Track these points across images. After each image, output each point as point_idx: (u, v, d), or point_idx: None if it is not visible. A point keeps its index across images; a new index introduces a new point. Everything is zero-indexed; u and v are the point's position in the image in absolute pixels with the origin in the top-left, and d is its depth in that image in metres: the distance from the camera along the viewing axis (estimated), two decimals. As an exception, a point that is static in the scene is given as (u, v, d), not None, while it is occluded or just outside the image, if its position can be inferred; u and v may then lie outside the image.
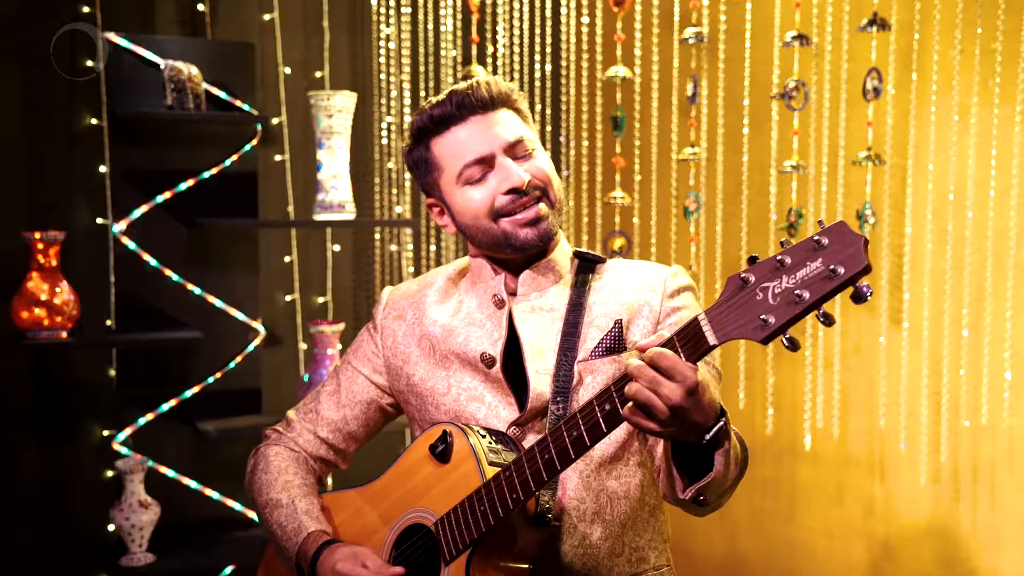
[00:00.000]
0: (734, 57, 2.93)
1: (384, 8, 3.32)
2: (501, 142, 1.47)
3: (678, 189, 3.08)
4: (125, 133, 2.88)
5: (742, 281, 1.11)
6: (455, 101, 1.47)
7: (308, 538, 1.50)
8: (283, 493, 1.56)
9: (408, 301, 1.60)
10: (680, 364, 1.15)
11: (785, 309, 1.07)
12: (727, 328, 1.12)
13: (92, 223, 2.92)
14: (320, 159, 2.91)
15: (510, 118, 1.50)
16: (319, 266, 3.40)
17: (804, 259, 1.06)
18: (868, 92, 2.62)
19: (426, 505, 1.44)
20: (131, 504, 2.61)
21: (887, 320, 2.79)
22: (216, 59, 2.94)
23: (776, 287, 1.08)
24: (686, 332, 1.16)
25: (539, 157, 1.50)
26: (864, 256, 1.03)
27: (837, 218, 2.86)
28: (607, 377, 1.43)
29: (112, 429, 2.88)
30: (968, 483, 2.75)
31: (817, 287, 1.05)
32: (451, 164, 1.48)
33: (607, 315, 1.47)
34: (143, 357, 2.92)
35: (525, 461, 1.30)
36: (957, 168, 2.64)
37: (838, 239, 1.05)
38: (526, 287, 1.51)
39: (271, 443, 1.66)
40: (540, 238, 1.46)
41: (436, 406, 1.51)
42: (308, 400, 1.67)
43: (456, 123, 1.48)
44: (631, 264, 1.57)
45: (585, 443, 1.25)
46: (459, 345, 1.49)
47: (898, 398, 2.79)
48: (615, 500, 1.45)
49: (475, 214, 1.47)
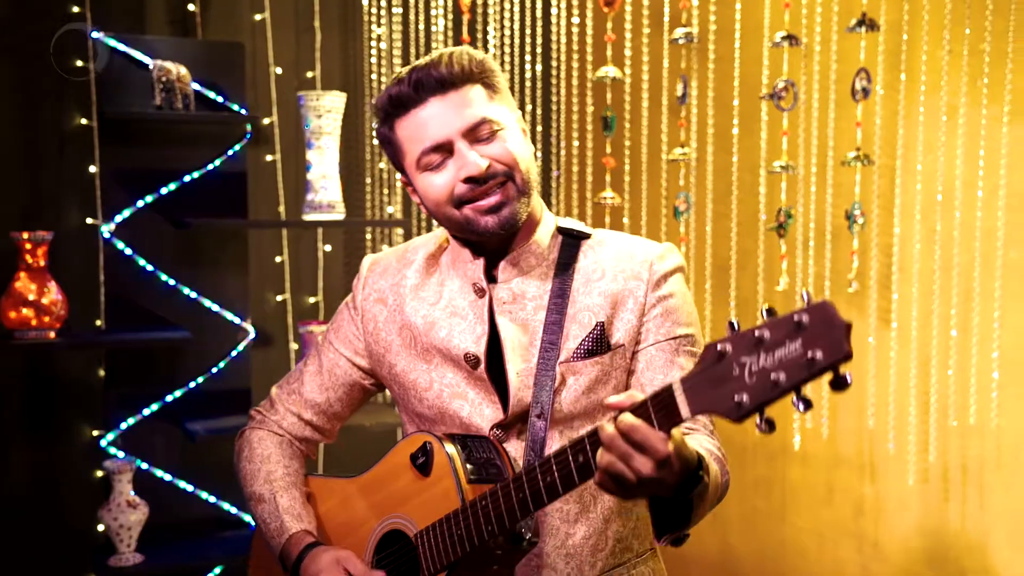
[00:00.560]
0: (724, 57, 2.93)
1: (375, 8, 3.32)
2: (459, 126, 1.38)
3: (668, 189, 3.08)
4: (115, 133, 2.88)
5: (719, 353, 1.07)
6: (412, 81, 1.39)
7: (291, 540, 1.49)
8: (265, 487, 1.55)
9: (388, 282, 1.55)
10: (652, 437, 1.12)
11: (760, 391, 1.03)
12: (701, 401, 1.08)
13: (82, 223, 2.92)
14: (310, 159, 2.92)
15: (476, 95, 1.40)
16: (310, 266, 3.40)
17: (783, 337, 1.01)
18: (857, 92, 2.62)
19: (407, 513, 1.43)
20: (119, 504, 2.61)
21: (876, 320, 2.79)
22: (206, 59, 2.95)
23: (753, 364, 1.04)
24: (660, 399, 1.12)
25: (506, 138, 1.41)
26: (846, 344, 0.98)
27: (826, 220, 2.87)
28: (589, 379, 1.42)
29: (101, 429, 2.89)
30: (957, 483, 2.76)
31: (794, 372, 1.01)
32: (411, 149, 1.42)
33: (589, 308, 1.43)
34: (132, 357, 2.92)
35: (501, 496, 1.28)
36: (945, 168, 2.64)
37: (820, 321, 0.99)
38: (507, 274, 1.46)
39: (255, 426, 1.64)
40: (502, 226, 1.40)
41: (419, 399, 1.49)
42: (291, 379, 1.65)
43: (415, 105, 1.40)
44: (618, 240, 1.50)
45: (558, 491, 1.23)
46: (442, 340, 1.46)
47: (887, 398, 2.79)
48: (598, 497, 1.44)
49: (436, 201, 1.42)
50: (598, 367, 1.42)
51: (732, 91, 2.92)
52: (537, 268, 1.46)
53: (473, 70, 1.41)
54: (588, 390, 1.42)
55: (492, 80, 1.43)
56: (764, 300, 3.02)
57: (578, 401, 1.42)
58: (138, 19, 3.03)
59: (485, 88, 1.42)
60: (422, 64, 1.40)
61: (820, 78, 2.78)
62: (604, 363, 1.42)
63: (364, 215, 3.42)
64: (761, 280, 2.97)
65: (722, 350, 1.07)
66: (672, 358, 1.44)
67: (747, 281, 3.09)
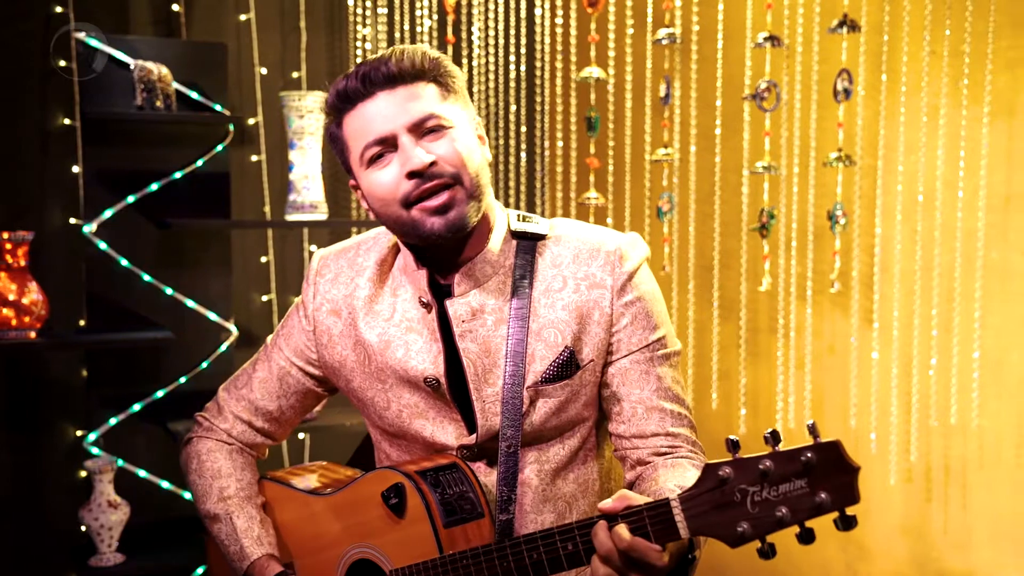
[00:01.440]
0: (707, 58, 2.94)
1: (361, 8, 3.32)
2: (405, 120, 1.32)
3: (652, 190, 3.08)
4: (97, 133, 2.88)
5: (720, 479, 1.05)
6: (361, 74, 1.33)
7: (254, 567, 1.45)
8: (219, 506, 1.50)
9: (341, 292, 1.47)
10: (651, 553, 1.12)
11: (763, 524, 1.03)
12: (700, 524, 1.08)
13: (65, 223, 2.92)
14: (292, 159, 2.92)
15: (427, 92, 1.34)
16: (296, 266, 3.40)
17: (788, 473, 1.01)
18: (839, 93, 2.62)
19: (381, 548, 1.39)
20: (100, 504, 2.61)
21: (858, 320, 2.79)
22: (188, 59, 2.94)
23: (756, 495, 1.03)
24: (658, 515, 1.11)
25: (456, 137, 1.34)
26: (855, 491, 0.98)
27: (808, 220, 2.87)
28: (559, 401, 1.39)
29: (85, 429, 2.88)
30: (940, 483, 2.76)
31: (799, 511, 1.00)
32: (355, 144, 1.36)
33: (554, 325, 1.37)
34: (115, 357, 2.92)
35: (484, 560, 1.26)
36: (926, 169, 2.65)
37: (829, 463, 0.99)
38: (463, 286, 1.39)
39: (202, 435, 1.59)
40: (448, 228, 1.32)
41: (379, 416, 1.46)
42: (239, 382, 1.59)
43: (363, 99, 1.34)
44: (575, 238, 1.43)
45: (545, 570, 1.22)
46: (399, 362, 1.41)
47: (869, 399, 2.79)
48: (574, 503, 1.44)
49: (382, 199, 1.34)
50: (567, 389, 1.39)
51: (715, 92, 2.92)
52: (494, 277, 1.40)
53: (426, 67, 1.35)
54: (558, 411, 1.40)
55: (447, 80, 1.37)
56: (747, 300, 3.02)
57: (547, 421, 1.40)
58: (122, 19, 3.03)
59: (438, 87, 1.36)
60: (372, 59, 1.35)
61: (802, 79, 2.78)
62: (573, 384, 1.39)
63: (350, 215, 3.42)
64: (744, 280, 2.98)
65: (724, 476, 1.05)
66: (648, 369, 1.40)
67: (730, 281, 3.09)
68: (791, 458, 1.00)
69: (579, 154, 3.25)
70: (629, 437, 1.41)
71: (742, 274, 2.99)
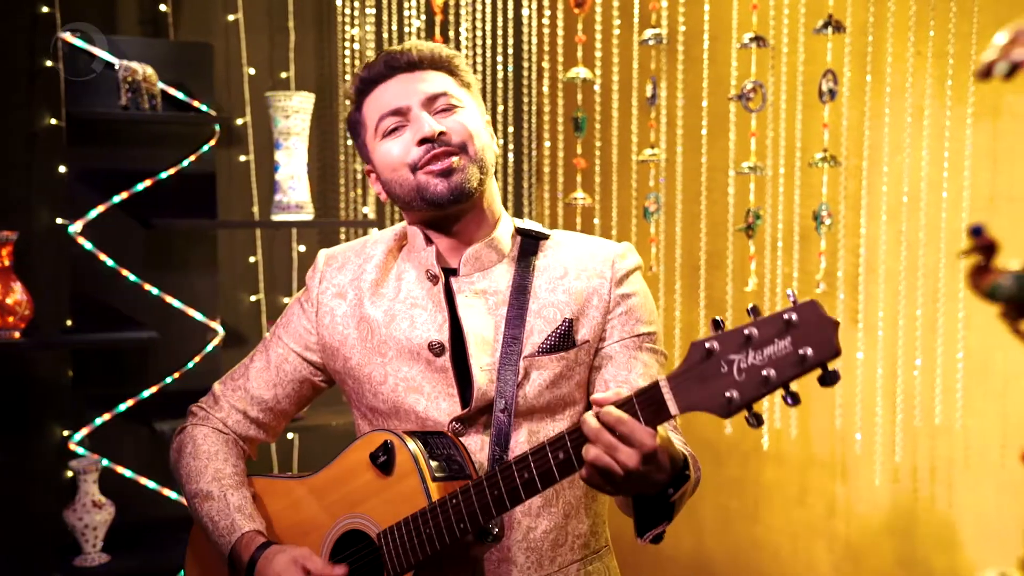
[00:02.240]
0: (693, 58, 2.94)
1: (350, 9, 3.32)
2: (420, 95, 1.44)
3: (638, 190, 3.09)
4: (82, 133, 2.88)
5: (707, 351, 1.07)
6: (384, 60, 1.47)
7: (242, 539, 1.46)
8: (214, 484, 1.50)
9: (348, 277, 1.53)
10: (639, 430, 1.13)
11: (751, 388, 1.05)
12: (690, 398, 1.09)
13: (52, 223, 2.92)
14: (278, 160, 2.92)
15: (440, 77, 1.47)
16: (285, 267, 3.40)
17: (772, 335, 1.03)
18: (824, 94, 2.63)
19: (367, 513, 1.40)
20: (84, 504, 2.61)
21: (844, 320, 2.80)
22: (174, 60, 2.94)
23: (742, 361, 1.05)
24: (647, 396, 1.13)
25: (464, 115, 1.46)
26: (835, 341, 1.01)
27: (794, 221, 2.88)
28: (553, 374, 1.42)
29: (71, 429, 2.88)
30: (926, 483, 2.77)
31: (785, 368, 1.02)
32: (371, 119, 1.47)
33: (554, 305, 1.43)
34: (100, 357, 2.92)
35: (474, 493, 1.27)
36: (911, 170, 2.66)
37: (809, 319, 1.02)
38: (468, 267, 1.47)
39: (198, 423, 1.59)
40: (451, 191, 1.41)
41: (374, 393, 1.47)
42: (236, 374, 1.60)
43: (384, 80, 1.47)
44: (576, 240, 1.52)
45: (537, 487, 1.23)
46: (404, 331, 1.45)
47: (854, 399, 2.80)
48: (561, 491, 1.44)
49: (393, 166, 1.44)
50: (563, 363, 1.42)
51: (701, 92, 2.93)
52: (498, 264, 1.47)
53: (443, 60, 1.48)
54: (552, 384, 1.42)
55: (461, 74, 1.50)
56: (734, 300, 3.03)
57: (541, 395, 1.42)
58: (109, 19, 3.03)
59: (453, 77, 1.49)
60: (394, 48, 1.49)
61: (788, 79, 2.79)
62: (568, 359, 1.43)
63: (338, 216, 3.42)
64: (730, 280, 2.98)
65: (710, 348, 1.08)
66: (634, 354, 1.45)
67: (717, 281, 3.09)
68: (773, 321, 1.03)
69: (566, 154, 3.25)
70: None
71: (728, 274, 2.99)
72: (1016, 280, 0.55)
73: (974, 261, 0.57)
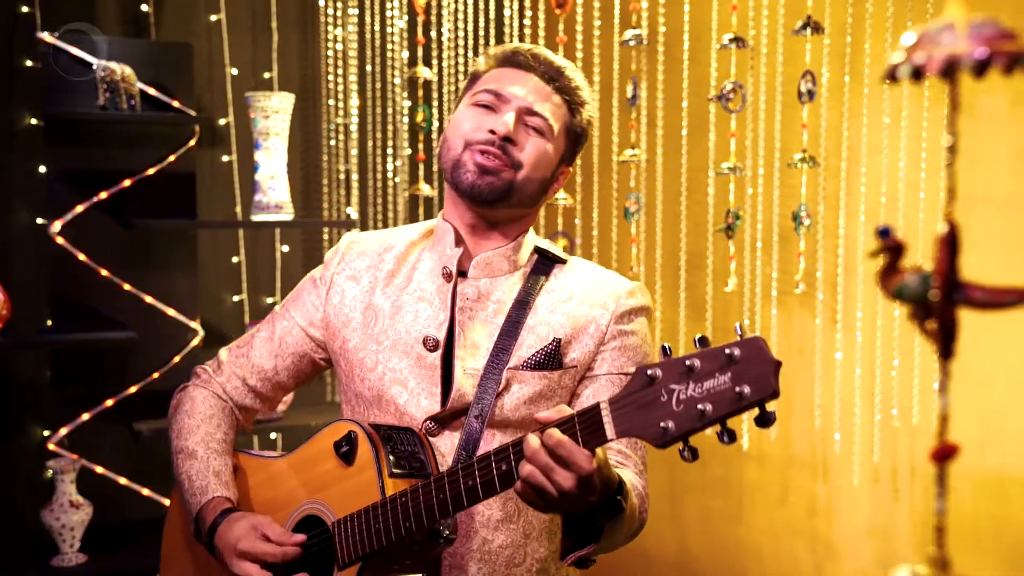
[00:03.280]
0: (674, 59, 2.94)
1: (333, 9, 3.32)
2: (526, 102, 1.45)
3: (619, 190, 3.09)
4: (61, 133, 2.88)
5: (648, 378, 1.07)
6: (533, 55, 1.49)
7: (211, 502, 1.48)
8: (200, 445, 1.53)
9: (365, 263, 1.55)
10: (576, 454, 1.13)
11: (686, 420, 1.04)
12: (627, 424, 1.09)
13: (31, 223, 2.91)
14: (258, 160, 2.92)
15: (557, 105, 1.48)
16: (268, 267, 3.40)
17: (713, 369, 1.02)
18: (803, 95, 2.63)
19: (326, 500, 1.43)
20: (62, 504, 2.61)
21: (823, 320, 2.80)
22: (154, 60, 2.94)
23: (681, 392, 1.04)
24: (587, 418, 1.13)
25: (542, 145, 1.46)
26: (773, 382, 0.99)
27: (773, 221, 2.88)
28: (533, 391, 1.42)
29: (50, 430, 2.88)
30: (906, 483, 2.77)
31: (721, 404, 1.01)
32: (483, 83, 1.49)
33: (550, 324, 1.44)
34: (80, 357, 2.92)
35: (422, 494, 1.28)
36: (889, 170, 2.66)
37: (751, 356, 1.00)
38: (477, 271, 1.48)
39: (200, 384, 1.62)
40: (472, 187, 1.43)
41: (362, 379, 1.49)
42: (242, 343, 1.63)
43: (519, 68, 1.48)
44: (590, 271, 1.53)
45: (479, 495, 1.24)
46: (406, 325, 1.47)
47: (833, 399, 2.80)
48: (524, 510, 1.44)
49: (456, 130, 1.47)
50: (545, 381, 1.43)
51: (682, 93, 2.93)
52: (508, 275, 1.49)
53: (573, 94, 1.49)
54: (530, 401, 1.42)
55: (578, 119, 1.51)
56: (714, 301, 3.03)
57: (518, 409, 1.42)
58: (90, 20, 3.02)
59: (570, 116, 1.50)
60: (548, 55, 1.50)
61: (767, 80, 2.79)
62: (552, 379, 1.43)
63: (322, 216, 3.42)
64: (711, 281, 2.98)
65: (652, 375, 1.07)
66: None
67: (698, 282, 3.10)
68: (716, 354, 1.02)
69: (548, 155, 3.24)
70: None
71: (709, 275, 3.00)
72: (921, 280, 0.55)
73: (883, 262, 0.57)
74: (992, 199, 2.53)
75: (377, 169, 3.42)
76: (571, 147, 1.52)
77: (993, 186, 2.52)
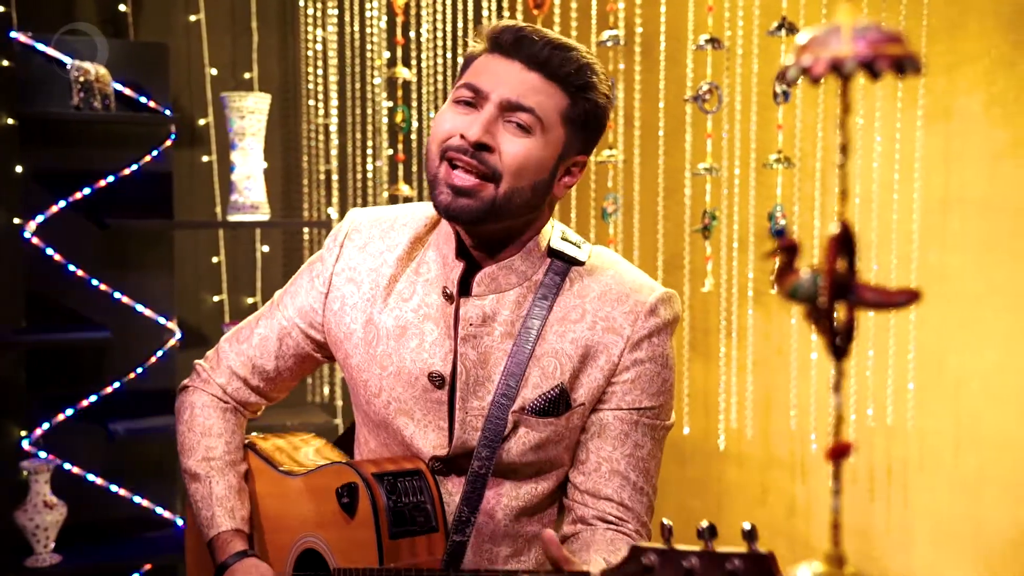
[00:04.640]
0: (651, 60, 2.94)
1: (313, 10, 3.32)
2: (505, 93, 1.25)
3: (597, 191, 3.09)
4: (36, 133, 2.88)
5: (644, 567, 1.00)
6: (516, 35, 1.26)
7: (219, 538, 1.43)
8: (202, 465, 1.47)
9: (367, 264, 1.41)
10: None
11: None
12: None
13: (7, 223, 2.91)
14: (234, 160, 2.92)
15: (549, 94, 1.26)
16: (248, 267, 3.40)
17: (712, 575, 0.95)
18: (778, 96, 2.63)
19: (328, 541, 1.38)
20: (35, 504, 2.60)
21: (799, 321, 2.81)
22: (131, 60, 2.94)
23: None
24: None
25: (530, 145, 1.26)
26: None
27: (749, 221, 2.88)
28: (540, 437, 1.34)
29: (26, 430, 2.88)
30: (883, 484, 2.77)
31: None
32: (466, 75, 1.30)
33: (556, 356, 1.33)
34: (56, 358, 2.91)
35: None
36: (863, 171, 2.66)
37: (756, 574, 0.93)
38: (482, 287, 1.34)
39: (199, 386, 1.54)
40: (448, 209, 1.26)
41: (367, 401, 1.41)
42: (241, 336, 1.53)
43: (501, 54, 1.26)
44: (611, 275, 1.37)
45: None
46: (410, 352, 1.36)
47: (808, 400, 2.81)
48: (534, 541, 1.40)
49: (436, 132, 1.29)
50: (551, 428, 1.34)
51: (659, 93, 2.93)
52: (517, 288, 1.35)
53: (567, 77, 1.26)
54: (537, 447, 1.35)
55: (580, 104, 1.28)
56: (692, 301, 3.03)
57: (525, 455, 1.36)
58: (68, 20, 3.02)
59: (569, 102, 1.28)
60: (543, 33, 1.28)
61: (743, 81, 2.80)
62: (559, 425, 1.34)
63: (302, 216, 3.42)
64: (688, 281, 2.99)
65: (647, 564, 1.00)
66: (628, 431, 1.36)
67: (676, 282, 3.10)
68: (719, 562, 0.94)
69: (527, 155, 3.24)
70: (583, 491, 1.37)
71: (686, 275, 3.00)
72: (813, 280, 0.55)
73: (779, 262, 0.57)
74: (968, 200, 2.53)
75: (357, 169, 3.42)
76: (579, 135, 1.30)
77: (969, 187, 2.53)
